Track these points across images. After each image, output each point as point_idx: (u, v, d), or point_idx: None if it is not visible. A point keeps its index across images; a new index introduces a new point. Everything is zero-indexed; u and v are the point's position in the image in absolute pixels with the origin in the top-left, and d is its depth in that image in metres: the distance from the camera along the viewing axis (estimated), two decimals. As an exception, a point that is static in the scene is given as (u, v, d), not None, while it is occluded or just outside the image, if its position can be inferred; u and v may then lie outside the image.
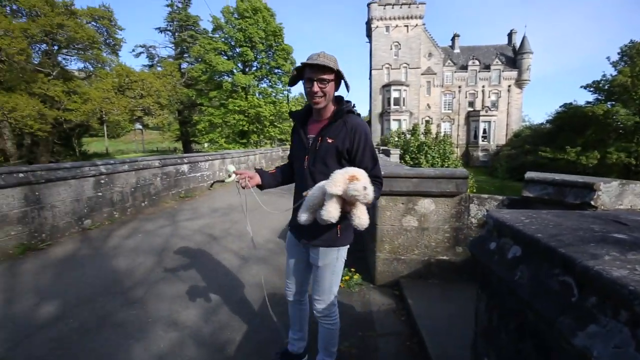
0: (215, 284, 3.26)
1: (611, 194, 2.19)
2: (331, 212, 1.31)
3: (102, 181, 5.74)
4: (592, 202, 2.21)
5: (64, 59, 26.64)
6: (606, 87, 25.78)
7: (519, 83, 42.30)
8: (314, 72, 1.50)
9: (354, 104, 1.65)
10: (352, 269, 3.36)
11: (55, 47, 25.10)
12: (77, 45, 25.31)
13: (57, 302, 2.94)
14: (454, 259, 3.05)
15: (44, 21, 21.64)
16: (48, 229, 4.74)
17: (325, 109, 1.62)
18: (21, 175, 4.39)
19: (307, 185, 1.61)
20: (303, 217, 1.43)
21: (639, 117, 22.82)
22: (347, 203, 1.35)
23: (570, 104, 28.33)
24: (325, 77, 1.51)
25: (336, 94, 1.65)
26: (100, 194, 5.67)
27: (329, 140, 1.57)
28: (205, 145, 32.81)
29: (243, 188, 1.67)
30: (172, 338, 2.38)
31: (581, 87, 29.24)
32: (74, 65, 28.32)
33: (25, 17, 22.71)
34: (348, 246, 1.78)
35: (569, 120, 26.97)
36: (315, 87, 1.51)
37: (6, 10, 22.26)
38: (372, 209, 3.30)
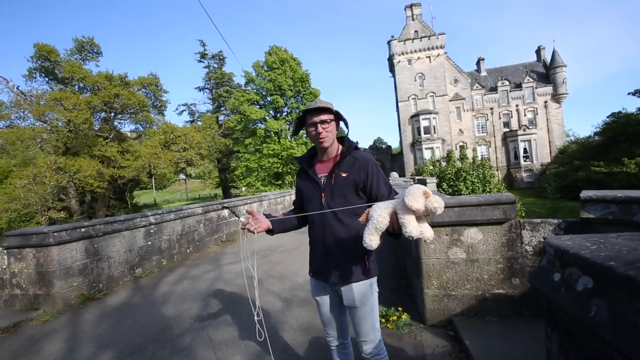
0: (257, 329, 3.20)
1: (691, 209, 1.93)
2: (415, 227, 1.30)
3: (152, 231, 6.12)
4: (669, 220, 1.95)
5: (119, 122, 30.13)
6: (660, 91, 23.68)
7: (556, 97, 40.35)
8: (315, 115, 1.62)
9: (357, 142, 1.73)
10: (400, 308, 3.16)
11: (112, 114, 28.55)
12: (129, 110, 28.65)
13: (112, 350, 3.05)
14: (512, 292, 2.77)
15: (104, 94, 24.98)
16: (104, 279, 5.06)
17: (331, 148, 1.70)
18: (83, 230, 4.83)
19: (329, 222, 1.64)
20: (374, 241, 1.37)
21: None
22: (416, 218, 1.34)
23: (620, 112, 26.25)
24: (325, 118, 1.61)
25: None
26: (150, 243, 6.03)
27: (344, 175, 1.63)
28: (243, 189, 34.24)
29: (251, 232, 1.65)
30: (220, 388, 2.33)
31: (629, 93, 27.15)
32: (127, 127, 31.86)
33: (90, 92, 26.39)
34: (376, 277, 1.73)
35: (621, 130, 24.79)
36: (319, 128, 1.62)
37: (75, 88, 26.13)
38: (414, 242, 3.17)
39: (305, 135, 28.93)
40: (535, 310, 2.68)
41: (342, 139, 1.75)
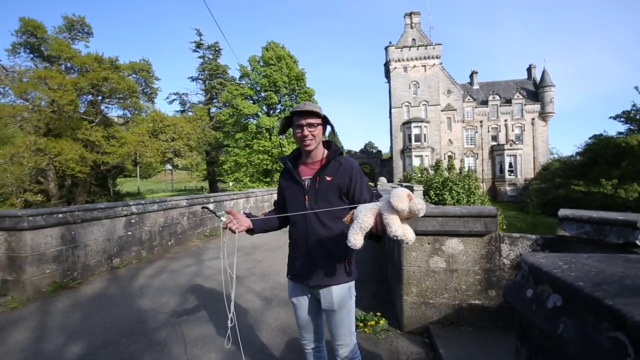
0: (237, 327, 3.18)
1: (659, 234, 2.02)
2: (399, 227, 1.33)
3: (133, 221, 5.99)
4: (638, 242, 2.04)
5: (106, 107, 29.34)
6: (638, 117, 24.75)
7: (543, 116, 41.60)
8: (303, 118, 1.63)
9: (342, 146, 1.76)
10: (378, 314, 3.19)
11: (100, 97, 27.79)
12: (118, 95, 27.95)
13: (84, 342, 2.97)
14: (487, 303, 2.84)
15: (92, 75, 24.29)
16: (80, 268, 4.91)
17: (315, 152, 1.72)
18: (60, 215, 4.68)
19: (312, 224, 1.66)
20: (358, 240, 1.38)
21: (680, 147, 21.48)
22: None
23: (601, 134, 27.27)
24: (312, 121, 1.63)
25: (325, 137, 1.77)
26: (130, 233, 5.89)
27: (328, 178, 1.65)
28: (230, 184, 33.90)
29: (232, 232, 1.64)
30: (193, 386, 2.30)
31: (610, 117, 28.28)
32: (114, 112, 31.08)
33: (77, 73, 25.60)
34: (354, 282, 1.75)
35: (601, 152, 25.77)
36: (305, 131, 1.63)
37: (61, 67, 25.29)
38: (397, 249, 3.21)
39: (296, 135, 29.12)
40: (510, 323, 2.75)
41: (328, 143, 1.76)
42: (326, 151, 1.74)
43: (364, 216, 1.41)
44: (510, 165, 40.17)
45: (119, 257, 5.60)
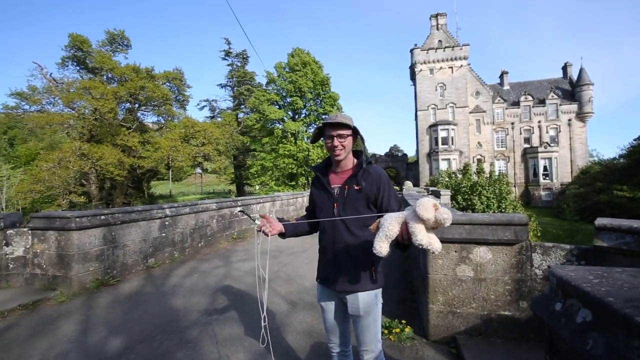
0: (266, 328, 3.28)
1: None
2: (424, 236, 1.36)
3: (167, 223, 6.31)
4: (687, 256, 1.91)
5: (142, 114, 31.08)
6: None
7: (581, 116, 39.06)
8: (333, 129, 1.69)
9: (371, 156, 1.76)
10: (403, 321, 3.17)
11: (137, 105, 29.50)
12: (153, 102, 29.53)
13: (123, 336, 3.19)
14: (518, 315, 2.74)
15: (130, 85, 25.85)
16: (119, 266, 5.26)
17: (345, 161, 1.77)
18: (102, 217, 5.05)
19: (339, 231, 1.71)
20: (384, 247, 1.43)
21: None
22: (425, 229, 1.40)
23: (649, 136, 25.20)
24: (343, 132, 1.69)
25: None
26: (164, 234, 6.22)
27: (356, 187, 1.70)
28: (257, 187, 34.68)
29: (265, 234, 1.73)
30: (222, 383, 2.41)
31: (660, 117, 26.04)
32: (150, 119, 32.83)
33: (117, 83, 27.37)
34: (381, 289, 1.79)
35: (649, 155, 23.81)
36: (336, 142, 1.69)
37: (103, 78, 27.18)
38: (422, 256, 3.18)
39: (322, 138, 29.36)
40: (541, 336, 2.64)
41: (358, 152, 1.81)
42: (356, 161, 1.79)
43: (390, 224, 1.45)
44: (545, 169, 38.01)
45: (153, 257, 5.92)
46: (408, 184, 21.93)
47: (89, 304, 4.11)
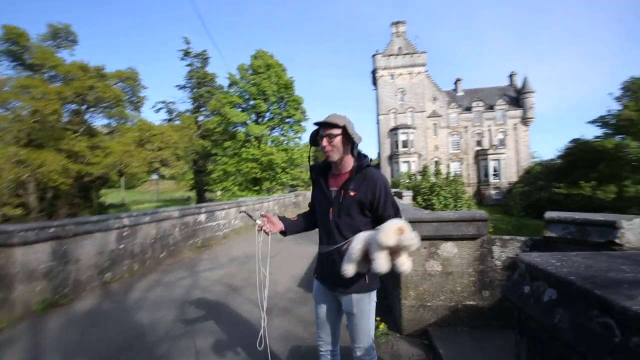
0: (239, 337, 3.20)
1: (636, 231, 2.19)
2: (383, 263, 1.36)
3: (125, 233, 5.91)
4: (617, 240, 2.20)
5: (90, 116, 28.75)
6: (613, 122, 25.99)
7: (525, 121, 43.05)
8: (323, 129, 1.70)
9: (371, 159, 1.79)
10: (378, 318, 3.25)
11: (84, 107, 27.26)
12: (103, 104, 27.48)
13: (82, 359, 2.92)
14: (481, 304, 2.96)
15: (77, 84, 23.86)
16: (71, 283, 4.81)
17: (342, 163, 1.73)
18: (52, 230, 4.58)
19: (333, 236, 1.72)
20: (349, 270, 1.47)
21: (651, 149, 22.60)
22: (391, 253, 1.40)
23: (579, 139, 28.45)
24: (332, 132, 1.66)
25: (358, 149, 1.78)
26: (122, 246, 5.81)
27: (352, 194, 1.67)
28: (219, 193, 33.55)
29: (266, 234, 1.76)
30: (199, 396, 2.31)
31: (588, 122, 29.59)
32: (99, 121, 30.46)
33: (61, 82, 25.08)
34: (375, 290, 1.83)
35: (580, 155, 26.86)
36: (324, 142, 1.68)
37: (44, 76, 24.75)
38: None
39: (286, 142, 29.15)
40: (503, 322, 2.88)
41: (359, 155, 1.75)
42: (354, 163, 1.74)
43: (355, 247, 1.47)
44: (495, 170, 41.24)
45: (110, 271, 5.50)
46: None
47: (37, 328, 3.70)
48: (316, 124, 1.73)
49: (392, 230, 1.33)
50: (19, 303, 4.12)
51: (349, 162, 1.75)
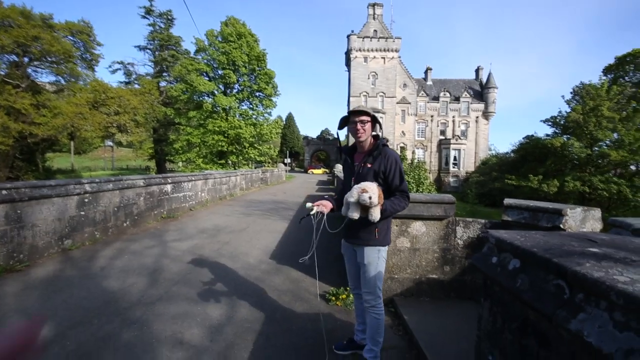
0: (215, 303, 3.29)
1: (576, 219, 2.56)
2: (353, 213, 2.00)
3: (87, 200, 5.60)
4: (562, 226, 2.56)
5: (34, 71, 25.67)
6: (562, 122, 28.40)
7: (486, 115, 45.58)
8: (356, 116, 2.15)
9: (387, 139, 2.29)
10: (348, 289, 3.51)
11: (27, 59, 24.22)
12: (50, 58, 24.59)
13: (48, 324, 2.85)
14: (443, 277, 3.30)
15: (17, 32, 21.02)
16: (27, 249, 4.53)
17: (365, 143, 2.22)
18: (5, 192, 4.24)
19: None
20: (355, 215, 2.00)
21: (590, 150, 25.21)
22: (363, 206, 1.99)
23: (532, 136, 30.82)
24: (364, 118, 2.14)
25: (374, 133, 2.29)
26: (83, 213, 5.51)
27: (368, 165, 2.16)
28: (180, 164, 32.13)
29: (321, 213, 2.17)
30: (181, 358, 2.40)
31: (541, 121, 32.03)
32: (45, 78, 27.38)
33: (-3, 28, 21.93)
34: (387, 247, 2.26)
35: (531, 151, 29.21)
36: (358, 126, 2.14)
37: (-24, 19, 21.48)
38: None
39: (255, 116, 28.32)
40: (460, 294, 3.25)
41: (376, 137, 2.25)
42: (373, 143, 2.22)
43: (351, 191, 2.05)
44: (455, 159, 43.68)
45: (70, 238, 5.23)
46: (338, 166, 22.97)
47: (-8, 293, 3.50)
48: (350, 112, 2.16)
49: (356, 190, 1.97)
50: (-32, 268, 3.84)
51: (370, 143, 2.23)
